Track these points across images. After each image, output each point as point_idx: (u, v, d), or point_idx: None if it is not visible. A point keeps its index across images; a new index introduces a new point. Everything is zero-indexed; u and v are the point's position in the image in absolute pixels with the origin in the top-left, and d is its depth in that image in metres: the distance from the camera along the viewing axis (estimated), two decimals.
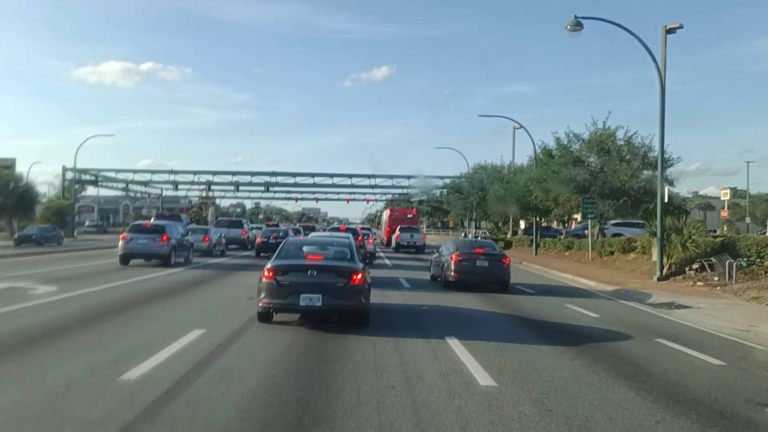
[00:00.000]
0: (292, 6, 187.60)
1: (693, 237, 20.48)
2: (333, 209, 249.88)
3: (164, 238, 21.24)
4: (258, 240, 30.96)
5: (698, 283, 18.78)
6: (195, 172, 69.51)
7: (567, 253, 33.28)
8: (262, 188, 72.10)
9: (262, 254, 27.28)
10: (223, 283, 16.81)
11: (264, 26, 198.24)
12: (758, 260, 19.48)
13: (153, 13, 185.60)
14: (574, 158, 31.86)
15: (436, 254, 19.47)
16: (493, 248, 18.52)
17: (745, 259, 19.67)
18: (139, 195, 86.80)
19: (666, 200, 21.42)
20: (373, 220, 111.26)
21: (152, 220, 34.56)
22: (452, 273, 16.77)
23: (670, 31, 22.58)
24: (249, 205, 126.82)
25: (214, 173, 69.86)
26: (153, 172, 74.53)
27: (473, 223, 57.26)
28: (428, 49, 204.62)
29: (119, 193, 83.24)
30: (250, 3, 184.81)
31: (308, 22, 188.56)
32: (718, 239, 22.09)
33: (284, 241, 11.92)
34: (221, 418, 5.11)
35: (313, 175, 69.59)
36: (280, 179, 70.36)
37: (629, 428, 5.26)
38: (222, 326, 9.53)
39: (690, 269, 20.45)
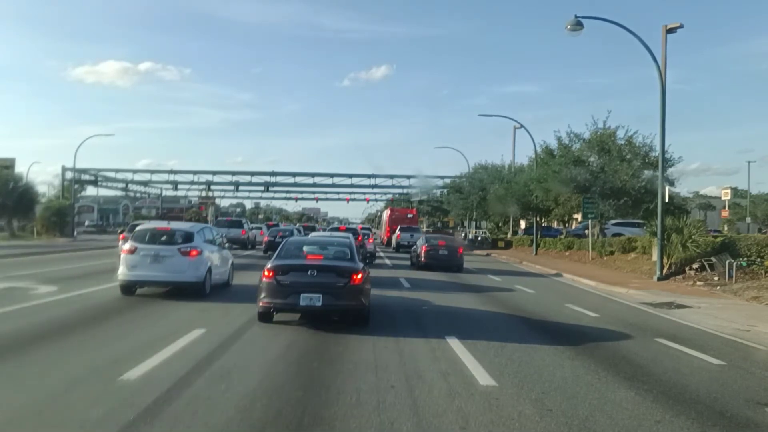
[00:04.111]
0: (293, 6, 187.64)
1: (693, 237, 20.49)
2: (333, 209, 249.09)
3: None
4: (266, 239, 31.67)
5: (698, 283, 18.78)
6: (195, 172, 69.26)
7: (567, 253, 33.28)
8: (262, 188, 71.81)
9: (269, 252, 27.02)
10: None
11: (264, 26, 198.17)
12: (758, 260, 19.47)
13: (152, 12, 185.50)
14: (574, 158, 31.83)
15: (414, 246, 25.79)
16: (452, 242, 25.55)
17: (745, 258, 19.67)
18: (138, 195, 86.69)
19: (666, 200, 21.39)
20: (373, 220, 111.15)
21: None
22: (422, 259, 23.17)
23: (670, 30, 22.56)
24: (249, 205, 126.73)
25: (214, 173, 69.63)
26: (153, 172, 74.17)
27: (473, 223, 57.18)
28: (428, 49, 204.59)
29: (119, 193, 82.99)
30: (250, 3, 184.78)
31: (309, 22, 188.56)
32: (719, 239, 22.09)
33: (284, 240, 11.90)
34: (221, 418, 5.12)
35: (313, 175, 69.33)
36: (280, 179, 70.06)
37: (629, 428, 5.27)
38: (222, 326, 9.53)
39: (690, 269, 20.45)
